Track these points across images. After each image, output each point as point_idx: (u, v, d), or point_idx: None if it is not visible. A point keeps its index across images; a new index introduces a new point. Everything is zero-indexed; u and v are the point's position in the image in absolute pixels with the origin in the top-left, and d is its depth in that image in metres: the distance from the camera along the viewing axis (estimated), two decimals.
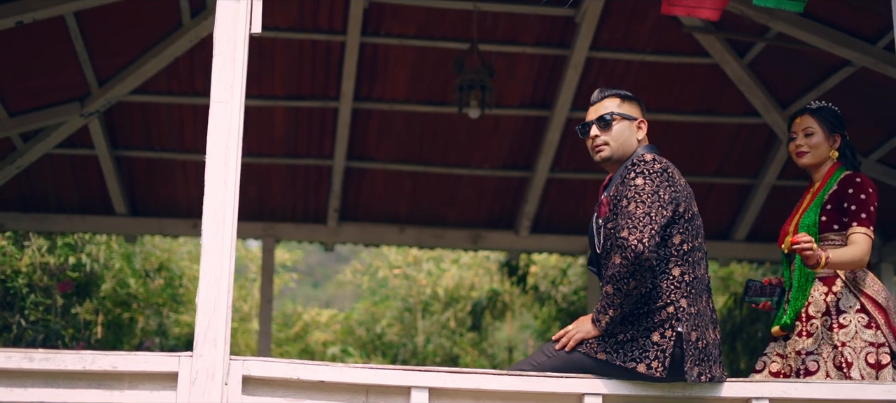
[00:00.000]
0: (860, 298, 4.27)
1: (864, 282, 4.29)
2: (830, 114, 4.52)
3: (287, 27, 7.61)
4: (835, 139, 4.50)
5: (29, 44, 6.92)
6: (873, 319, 4.23)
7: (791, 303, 4.37)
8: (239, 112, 3.92)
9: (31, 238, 10.01)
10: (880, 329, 4.22)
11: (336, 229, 9.17)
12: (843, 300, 4.28)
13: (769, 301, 4.51)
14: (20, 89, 7.46)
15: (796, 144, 4.52)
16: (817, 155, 4.48)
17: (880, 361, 4.16)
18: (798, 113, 4.57)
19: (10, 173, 8.22)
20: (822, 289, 4.33)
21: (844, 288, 4.30)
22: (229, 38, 3.98)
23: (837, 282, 4.31)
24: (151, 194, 8.94)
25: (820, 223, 4.34)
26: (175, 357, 3.70)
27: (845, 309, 4.26)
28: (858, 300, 4.27)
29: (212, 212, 3.83)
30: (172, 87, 8.00)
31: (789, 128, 4.58)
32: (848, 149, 4.54)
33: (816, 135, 4.49)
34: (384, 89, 8.21)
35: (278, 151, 8.71)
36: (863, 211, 4.27)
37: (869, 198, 4.30)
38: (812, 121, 4.49)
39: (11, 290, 9.86)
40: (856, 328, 4.22)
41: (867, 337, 4.20)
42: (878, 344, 4.20)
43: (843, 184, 4.37)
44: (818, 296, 4.33)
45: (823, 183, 4.46)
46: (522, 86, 8.20)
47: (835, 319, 4.26)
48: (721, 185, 8.96)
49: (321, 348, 12.13)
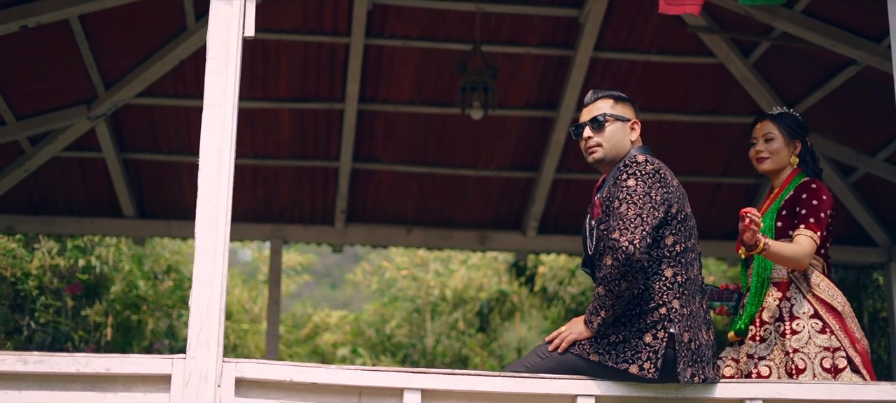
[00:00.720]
0: (814, 303, 4.27)
1: (819, 287, 4.30)
2: (792, 120, 4.52)
3: (291, 29, 7.63)
4: (795, 145, 4.50)
5: (35, 47, 6.96)
6: (827, 324, 4.23)
7: (746, 309, 4.38)
8: (232, 115, 3.93)
9: (41, 240, 10.07)
10: (834, 334, 4.22)
11: (343, 230, 9.19)
12: (797, 305, 4.29)
13: (726, 305, 4.51)
14: (27, 93, 7.50)
15: (756, 150, 4.53)
16: (777, 161, 4.48)
17: (837, 365, 4.16)
18: (759, 118, 4.57)
19: (19, 176, 8.28)
20: (776, 294, 4.34)
21: (798, 293, 4.31)
22: (222, 42, 4.00)
23: (791, 287, 4.32)
24: (159, 196, 8.98)
25: (775, 228, 4.35)
26: (168, 359, 3.72)
27: (798, 315, 4.27)
28: (812, 305, 4.27)
29: (205, 215, 3.85)
30: (178, 90, 8.03)
31: (750, 133, 4.57)
32: (809, 156, 4.55)
33: (776, 141, 4.49)
34: (389, 91, 8.22)
35: (285, 153, 8.74)
36: (812, 215, 4.27)
37: (821, 205, 4.30)
38: (772, 127, 4.49)
39: (21, 293, 9.92)
40: (809, 333, 4.23)
41: (821, 342, 4.20)
42: (834, 349, 4.19)
43: (798, 189, 4.37)
44: (772, 301, 4.34)
45: (781, 189, 4.48)
46: (527, 87, 8.20)
47: (787, 324, 4.26)
48: (728, 185, 8.94)
49: (331, 349, 12.15)
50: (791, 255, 4.21)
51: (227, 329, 11.34)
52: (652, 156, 3.93)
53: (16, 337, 9.90)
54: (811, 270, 4.32)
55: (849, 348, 4.20)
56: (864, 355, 4.25)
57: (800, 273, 4.31)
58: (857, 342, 4.24)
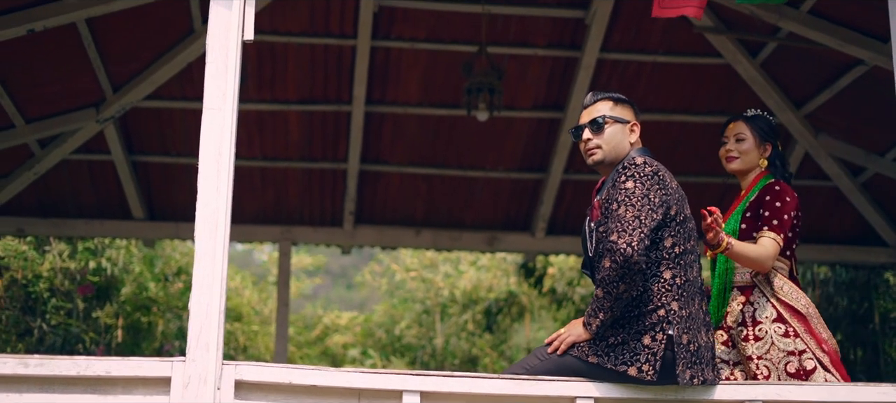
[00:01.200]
0: (777, 307, 4.26)
1: (782, 291, 4.28)
2: (764, 122, 4.53)
3: (298, 32, 7.64)
4: (765, 148, 4.51)
5: (42, 51, 7.00)
6: (791, 327, 4.22)
7: (710, 312, 4.36)
8: (231, 119, 3.95)
9: (52, 242, 10.11)
10: (800, 336, 4.21)
11: (352, 232, 9.20)
12: (759, 310, 4.29)
13: None
14: (36, 96, 7.54)
15: (726, 149, 4.54)
16: (747, 161, 4.49)
17: (805, 367, 4.16)
18: (732, 118, 4.57)
19: (29, 179, 8.33)
20: (740, 299, 4.35)
21: (762, 297, 4.30)
22: (222, 46, 4.01)
23: (755, 291, 4.32)
24: (168, 198, 9.01)
25: (740, 231, 4.35)
26: (168, 362, 3.73)
27: (761, 320, 4.27)
28: (775, 309, 4.26)
29: (204, 218, 3.85)
30: (186, 93, 8.06)
31: (722, 132, 4.57)
32: (778, 160, 4.55)
33: (747, 142, 4.49)
34: (397, 92, 8.24)
35: (294, 155, 8.76)
36: (776, 217, 4.27)
37: (784, 207, 4.30)
38: (744, 128, 4.50)
39: (33, 295, 9.95)
40: (772, 338, 4.22)
41: (784, 347, 4.20)
42: (799, 352, 4.19)
43: (762, 191, 4.38)
44: (736, 306, 4.35)
45: (747, 190, 4.50)
46: (535, 89, 8.21)
47: (750, 330, 4.27)
48: (737, 186, 8.89)
49: (342, 351, 12.17)
50: (754, 256, 4.21)
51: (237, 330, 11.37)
52: (651, 158, 3.92)
53: (27, 339, 9.94)
54: (774, 273, 4.31)
55: (815, 349, 4.19)
56: (833, 355, 4.24)
57: (763, 276, 4.30)
58: (824, 342, 4.23)
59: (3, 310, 9.84)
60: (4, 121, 7.59)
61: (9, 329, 9.79)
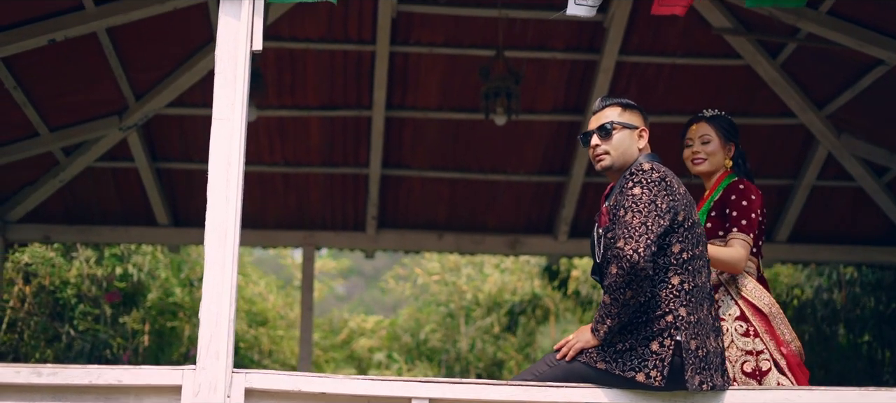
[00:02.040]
0: (741, 305, 4.28)
1: (747, 289, 4.30)
2: (726, 122, 4.55)
3: (317, 38, 7.68)
4: (730, 147, 4.52)
5: (64, 60, 7.07)
6: (752, 326, 4.24)
7: None
8: (240, 129, 3.98)
9: (79, 249, 10.21)
10: (759, 336, 4.23)
11: (375, 236, 9.23)
12: (723, 307, 4.30)
13: None
14: (59, 105, 7.63)
15: (693, 151, 4.55)
16: (714, 162, 4.51)
17: (760, 368, 4.18)
18: (693, 120, 4.58)
19: (54, 186, 8.44)
20: None
21: (726, 295, 4.32)
22: (230, 57, 4.04)
23: (720, 290, 4.34)
24: (192, 204, 9.07)
25: (706, 230, 4.35)
26: (179, 370, 3.77)
27: (724, 317, 4.28)
28: (739, 307, 4.28)
29: (214, 228, 3.90)
30: (208, 100, 8.01)
31: (684, 135, 4.57)
32: (740, 159, 4.58)
33: (713, 143, 4.52)
34: (416, 97, 8.26)
35: (315, 161, 8.80)
36: (743, 217, 4.30)
37: (750, 205, 4.33)
38: (709, 129, 4.52)
39: (61, 301, 10.06)
40: (732, 336, 4.24)
41: (743, 345, 4.22)
42: (757, 352, 4.20)
43: (726, 190, 4.39)
44: None
45: (712, 190, 4.51)
46: (554, 92, 8.20)
47: None
48: (760, 187, 8.85)
49: (367, 354, 12.21)
50: (727, 259, 4.23)
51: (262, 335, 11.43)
52: (659, 164, 3.92)
53: (56, 345, 10.05)
54: (742, 273, 4.33)
55: (773, 351, 4.21)
56: (791, 357, 4.25)
57: (728, 275, 4.32)
58: (784, 345, 4.25)
59: (31, 316, 9.95)
60: (29, 129, 7.69)
61: (37, 335, 9.91)
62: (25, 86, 7.15)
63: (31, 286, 9.97)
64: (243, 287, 12.01)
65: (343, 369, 11.96)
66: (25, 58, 6.75)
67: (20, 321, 9.91)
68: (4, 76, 6.87)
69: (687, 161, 4.56)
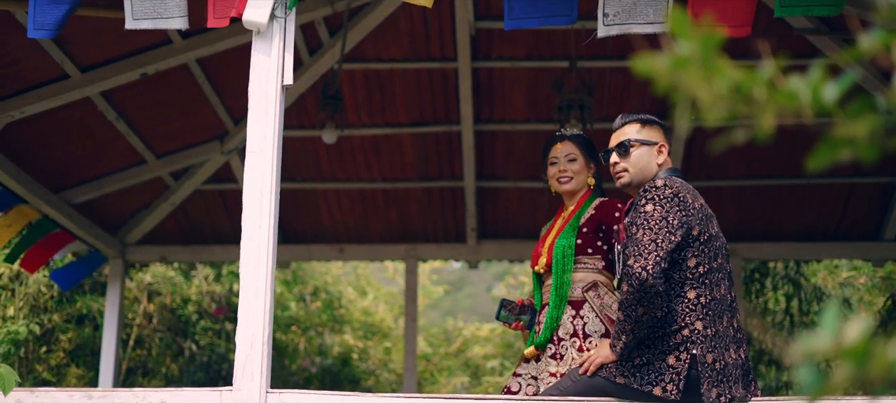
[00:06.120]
0: (606, 324, 4.30)
1: (610, 308, 4.33)
2: (588, 141, 4.61)
3: (401, 58, 7.88)
4: (591, 166, 4.57)
5: (161, 91, 7.46)
6: None
7: (546, 323, 4.39)
8: (273, 161, 4.19)
9: (198, 267, 10.66)
10: None
11: (476, 247, 9.37)
12: (590, 324, 4.32)
13: (521, 320, 4.52)
14: (161, 133, 8.04)
15: (560, 170, 4.59)
16: (579, 181, 4.57)
17: None
18: (558, 138, 4.58)
19: (167, 209, 8.86)
20: (571, 312, 4.37)
21: (591, 312, 4.33)
22: (262, 92, 4.25)
23: (585, 307, 4.35)
24: (297, 221, 9.39)
25: (575, 246, 4.38)
26: (217, 391, 4.00)
27: (591, 334, 4.30)
28: (604, 325, 4.31)
29: (248, 255, 4.11)
30: (303, 121, 8.40)
31: (547, 153, 4.57)
32: (598, 177, 4.65)
33: (578, 162, 4.58)
34: (504, 110, 8.37)
35: (412, 175, 9.00)
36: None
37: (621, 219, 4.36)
38: (574, 148, 4.55)
39: (182, 318, 10.53)
40: None
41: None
42: None
43: (600, 210, 4.45)
44: (567, 319, 4.37)
45: (578, 207, 4.53)
46: (639, 100, 8.20)
47: (582, 342, 4.29)
48: (862, 185, 8.68)
49: (482, 362, 12.36)
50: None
51: (368, 348, 11.69)
52: (675, 178, 3.96)
53: (180, 360, 10.53)
54: (604, 290, 4.38)
55: None
56: None
57: (593, 292, 4.36)
58: None
59: (156, 333, 10.45)
60: (136, 157, 8.13)
61: (163, 350, 10.40)
62: (127, 117, 7.57)
63: (154, 304, 10.48)
64: (355, 301, 12.32)
65: (457, 377, 12.15)
66: (123, 91, 7.17)
67: (146, 338, 10.42)
68: (105, 108, 7.29)
69: (552, 179, 4.61)
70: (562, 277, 4.45)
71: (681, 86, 1.19)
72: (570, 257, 4.42)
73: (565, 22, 4.28)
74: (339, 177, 9.04)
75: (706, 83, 1.18)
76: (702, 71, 1.19)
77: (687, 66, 1.18)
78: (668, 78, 1.21)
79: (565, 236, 4.50)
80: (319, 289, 11.64)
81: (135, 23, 4.50)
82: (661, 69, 1.20)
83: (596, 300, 4.39)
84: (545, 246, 4.59)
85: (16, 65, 6.46)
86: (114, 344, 8.53)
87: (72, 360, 9.71)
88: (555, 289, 4.45)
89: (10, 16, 5.85)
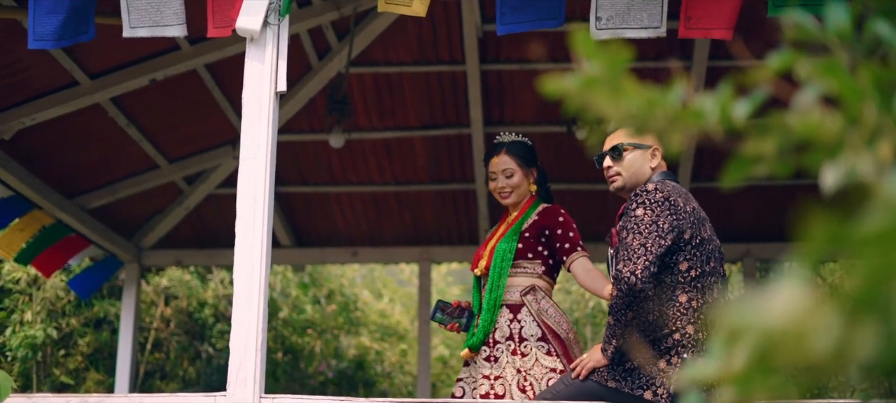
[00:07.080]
0: (542, 328, 4.32)
1: (547, 314, 4.36)
2: (523, 147, 4.56)
3: (410, 61, 7.89)
4: (531, 172, 4.53)
5: (172, 97, 7.51)
6: (552, 348, 4.30)
7: (481, 326, 4.39)
8: (266, 168, 4.21)
9: (214, 271, 10.71)
10: (559, 358, 4.28)
11: None
12: (527, 328, 4.33)
13: (457, 323, 4.50)
14: (173, 138, 8.09)
15: (499, 186, 4.58)
16: (520, 193, 4.58)
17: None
18: (493, 152, 4.55)
19: (181, 214, 8.92)
20: (508, 316, 4.38)
21: (529, 316, 4.34)
22: (256, 99, 4.27)
23: (523, 311, 4.36)
24: (312, 225, 9.43)
25: (516, 250, 4.39)
26: (210, 396, 4.03)
27: (527, 337, 4.32)
28: (540, 328, 4.33)
29: (241, 262, 4.13)
30: (314, 125, 8.43)
31: (486, 165, 4.57)
32: (543, 179, 4.63)
33: (516, 175, 4.58)
34: (514, 112, 8.37)
35: (424, 178, 9.01)
36: (577, 237, 4.45)
37: (570, 224, 4.45)
38: (510, 161, 4.53)
39: (199, 321, 10.59)
40: (536, 355, 4.29)
41: (548, 364, 4.27)
42: (560, 371, 4.25)
43: (544, 216, 4.46)
44: (503, 322, 4.37)
45: (521, 212, 4.53)
46: None
47: (517, 345, 4.32)
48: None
49: None
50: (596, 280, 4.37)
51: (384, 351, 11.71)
52: (666, 182, 3.95)
53: (197, 363, 10.59)
54: (542, 295, 4.40)
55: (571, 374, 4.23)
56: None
57: (531, 296, 4.37)
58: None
59: (173, 336, 10.51)
60: (149, 162, 8.19)
61: (179, 353, 10.46)
62: (138, 123, 7.62)
63: (170, 307, 10.54)
64: (371, 303, 12.34)
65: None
66: (133, 97, 7.22)
67: (164, 341, 10.49)
68: (116, 114, 7.35)
69: (495, 193, 4.60)
70: (498, 281, 4.44)
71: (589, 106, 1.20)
72: (509, 262, 4.43)
73: (553, 25, 4.28)
74: (351, 180, 9.06)
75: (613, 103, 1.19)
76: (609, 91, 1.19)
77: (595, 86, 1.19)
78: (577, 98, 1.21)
79: (506, 240, 4.50)
80: (335, 292, 11.67)
81: (132, 31, 4.53)
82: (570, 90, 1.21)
83: (534, 304, 4.41)
84: (487, 250, 4.58)
85: (25, 72, 6.52)
86: (130, 348, 8.59)
87: (90, 364, 9.78)
88: (489, 293, 4.45)
89: (18, 25, 5.91)
